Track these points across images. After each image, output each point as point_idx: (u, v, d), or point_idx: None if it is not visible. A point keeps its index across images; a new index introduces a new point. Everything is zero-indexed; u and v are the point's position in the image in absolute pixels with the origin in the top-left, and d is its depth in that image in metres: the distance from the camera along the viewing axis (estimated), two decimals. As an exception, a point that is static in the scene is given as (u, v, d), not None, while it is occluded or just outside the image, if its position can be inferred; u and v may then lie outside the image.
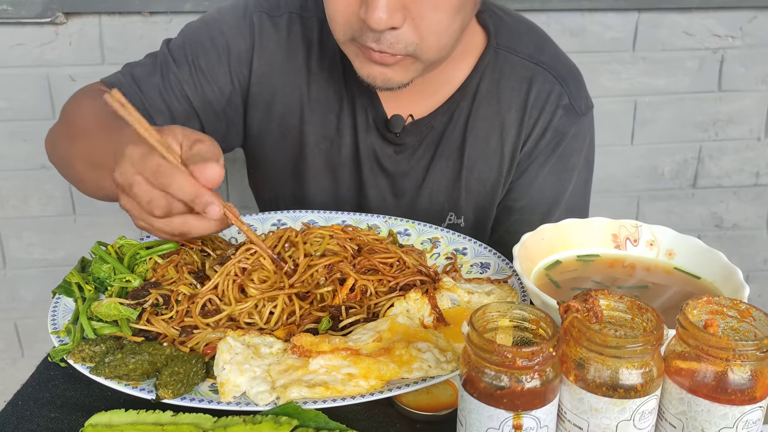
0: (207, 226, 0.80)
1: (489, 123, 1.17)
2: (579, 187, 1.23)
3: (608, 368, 0.61)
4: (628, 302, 0.65)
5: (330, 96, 1.17)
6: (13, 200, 1.80)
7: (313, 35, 1.16)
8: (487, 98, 1.16)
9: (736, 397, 0.60)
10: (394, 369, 0.75)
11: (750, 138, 1.97)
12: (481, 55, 1.16)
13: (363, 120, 1.17)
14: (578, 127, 1.18)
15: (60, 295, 0.90)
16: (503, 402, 0.60)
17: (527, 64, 1.17)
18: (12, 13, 1.59)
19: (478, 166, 1.19)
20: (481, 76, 1.16)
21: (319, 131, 1.18)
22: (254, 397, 0.72)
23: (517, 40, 1.18)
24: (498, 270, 0.99)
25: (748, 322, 0.64)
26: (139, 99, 1.12)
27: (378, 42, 0.95)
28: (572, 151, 1.19)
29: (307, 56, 1.17)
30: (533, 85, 1.16)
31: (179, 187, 0.76)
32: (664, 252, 0.97)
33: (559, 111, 1.16)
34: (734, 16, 1.82)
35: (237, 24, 1.15)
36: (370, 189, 1.21)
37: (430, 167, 1.19)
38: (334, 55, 1.16)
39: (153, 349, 0.78)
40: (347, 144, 1.18)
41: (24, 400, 0.78)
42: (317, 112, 1.18)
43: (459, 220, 1.22)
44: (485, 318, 0.65)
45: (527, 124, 1.17)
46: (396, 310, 0.85)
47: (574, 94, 1.18)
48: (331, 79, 1.17)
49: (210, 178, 0.77)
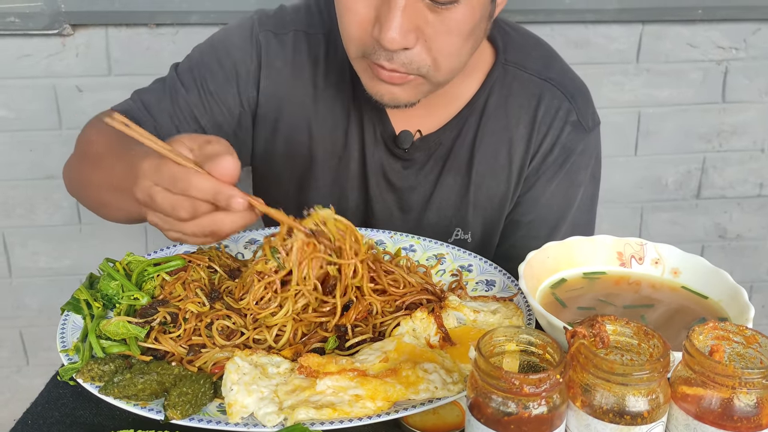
0: (236, 219, 0.79)
1: (497, 139, 1.18)
2: (585, 202, 1.23)
3: (615, 395, 0.61)
4: (635, 327, 0.66)
5: (337, 112, 1.18)
6: (19, 209, 1.81)
7: (320, 52, 1.17)
8: (495, 114, 1.17)
9: (742, 425, 0.61)
10: (401, 390, 0.75)
11: (754, 149, 1.97)
12: (490, 71, 1.17)
13: (371, 135, 1.17)
14: (585, 143, 1.19)
15: (69, 312, 0.90)
16: (510, 428, 0.61)
17: (536, 81, 1.17)
18: (20, 24, 1.60)
19: (486, 181, 1.19)
20: (489, 92, 1.17)
21: (327, 147, 1.19)
22: (262, 418, 0.73)
23: (525, 56, 1.18)
24: (503, 288, 1.00)
25: (754, 348, 0.64)
26: (152, 125, 1.12)
27: (390, 61, 0.96)
28: (579, 168, 1.20)
29: (314, 73, 1.17)
30: (542, 102, 1.17)
31: (199, 188, 0.76)
32: (669, 270, 0.97)
33: (567, 127, 1.17)
34: (738, 28, 1.83)
35: (243, 44, 1.15)
36: (377, 204, 1.21)
37: (438, 183, 1.19)
38: (341, 72, 1.16)
39: (161, 369, 0.78)
40: (355, 159, 1.19)
41: (33, 419, 0.79)
42: (325, 128, 1.18)
43: (466, 236, 1.22)
44: (492, 342, 0.65)
45: (535, 140, 1.17)
46: (402, 329, 0.86)
47: (582, 110, 1.18)
48: (339, 96, 1.17)
49: (226, 172, 0.77)
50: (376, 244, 1.11)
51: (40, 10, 1.59)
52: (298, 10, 1.19)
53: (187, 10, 1.62)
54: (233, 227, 0.80)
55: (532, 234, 1.21)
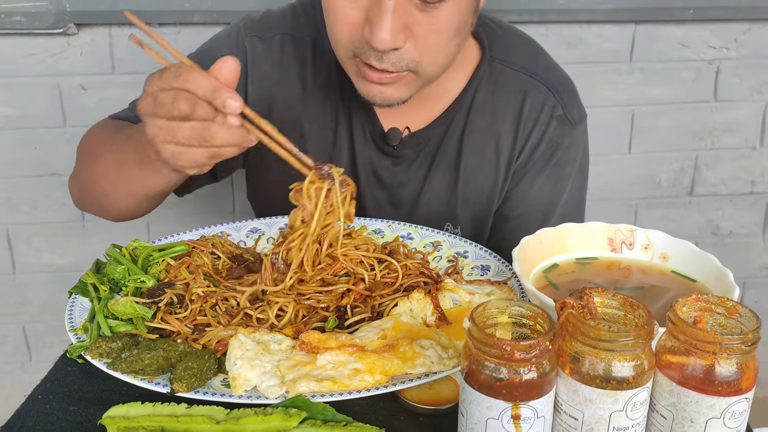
0: (228, 132, 0.81)
1: (484, 134, 1.20)
2: (574, 195, 1.26)
3: (602, 361, 0.64)
4: (621, 299, 0.69)
5: (327, 112, 1.20)
6: (23, 206, 1.84)
7: (307, 54, 1.19)
8: (482, 110, 1.20)
9: (723, 389, 0.64)
10: (399, 365, 0.78)
11: (745, 147, 2.00)
12: (476, 68, 1.20)
13: (360, 134, 1.20)
14: (572, 137, 1.22)
15: (76, 295, 0.93)
16: (502, 393, 0.64)
17: (521, 77, 1.20)
18: (25, 24, 1.64)
19: (474, 176, 1.22)
20: (476, 89, 1.19)
21: (316, 147, 1.21)
22: (264, 390, 0.76)
23: (510, 53, 1.21)
24: (498, 272, 1.03)
25: (734, 319, 0.67)
26: None
27: (380, 61, 0.99)
28: (567, 161, 1.22)
29: (302, 74, 1.20)
30: (527, 97, 1.19)
31: (199, 84, 0.79)
32: (658, 255, 1.00)
33: (553, 122, 1.19)
34: (729, 28, 1.86)
35: (229, 52, 1.17)
36: (368, 201, 1.24)
37: (427, 178, 1.22)
38: (329, 73, 1.19)
39: (167, 345, 0.81)
40: (345, 158, 1.21)
41: (43, 394, 0.82)
42: (314, 127, 1.20)
43: (456, 230, 1.25)
44: (485, 314, 0.68)
45: (522, 135, 1.20)
46: (400, 309, 0.89)
47: (567, 104, 1.21)
48: (327, 97, 1.20)
49: (226, 71, 0.80)
50: (374, 233, 1.14)
51: (45, 9, 1.62)
52: (284, 14, 1.22)
53: (190, 10, 1.65)
54: (225, 139, 0.81)
55: (521, 227, 1.24)
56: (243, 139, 0.82)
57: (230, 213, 1.92)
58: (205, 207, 1.91)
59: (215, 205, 1.91)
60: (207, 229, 1.12)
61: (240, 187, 1.90)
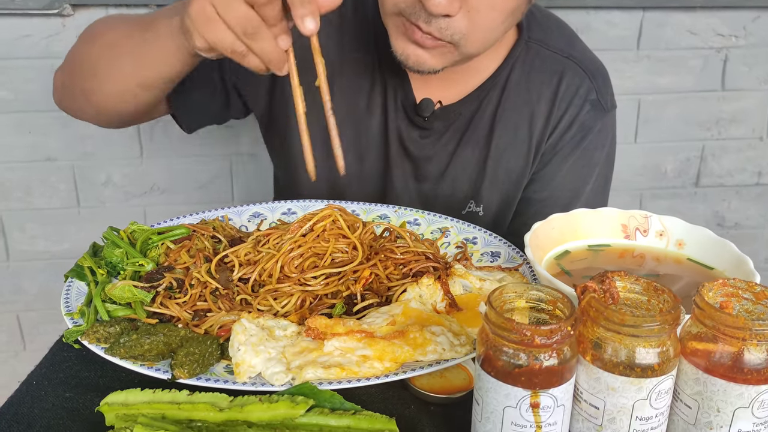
0: (271, 45, 0.76)
1: (518, 114, 1.18)
2: (599, 184, 1.25)
3: (625, 347, 0.61)
4: (645, 284, 0.66)
5: (361, 74, 1.17)
6: (17, 192, 1.80)
7: (348, 9, 1.16)
8: (516, 89, 1.18)
9: (752, 377, 0.61)
10: (409, 351, 0.75)
11: (752, 137, 1.98)
12: (513, 47, 1.18)
13: (392, 101, 1.17)
14: (603, 122, 1.21)
15: (72, 279, 0.90)
16: (521, 380, 0.61)
17: (558, 58, 1.19)
18: (20, 4, 1.59)
19: (506, 156, 1.20)
20: (512, 67, 1.18)
21: (348, 108, 1.17)
22: (269, 377, 0.73)
23: (548, 34, 1.20)
24: (508, 258, 1.00)
25: (763, 304, 0.64)
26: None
27: (428, 24, 0.96)
28: (596, 146, 1.21)
29: (341, 31, 1.16)
30: (563, 78, 1.18)
31: None
32: (674, 242, 0.97)
33: (586, 105, 1.18)
34: (738, 15, 1.83)
35: None
36: (396, 169, 1.21)
37: (455, 154, 1.20)
38: (367, 33, 1.16)
39: (168, 330, 0.78)
40: (375, 124, 1.19)
41: (38, 379, 0.78)
42: (348, 89, 1.17)
43: (478, 209, 1.22)
44: (502, 298, 0.65)
45: (555, 116, 1.18)
46: (409, 295, 0.86)
47: (601, 90, 1.20)
48: (364, 59, 1.17)
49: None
50: (380, 218, 1.11)
51: (40, -11, 1.58)
52: None
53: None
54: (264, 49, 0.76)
55: (545, 212, 1.21)
56: (277, 62, 0.77)
57: (229, 204, 1.89)
58: (203, 198, 1.88)
59: (215, 197, 1.88)
60: (208, 213, 1.09)
61: (239, 179, 1.86)
